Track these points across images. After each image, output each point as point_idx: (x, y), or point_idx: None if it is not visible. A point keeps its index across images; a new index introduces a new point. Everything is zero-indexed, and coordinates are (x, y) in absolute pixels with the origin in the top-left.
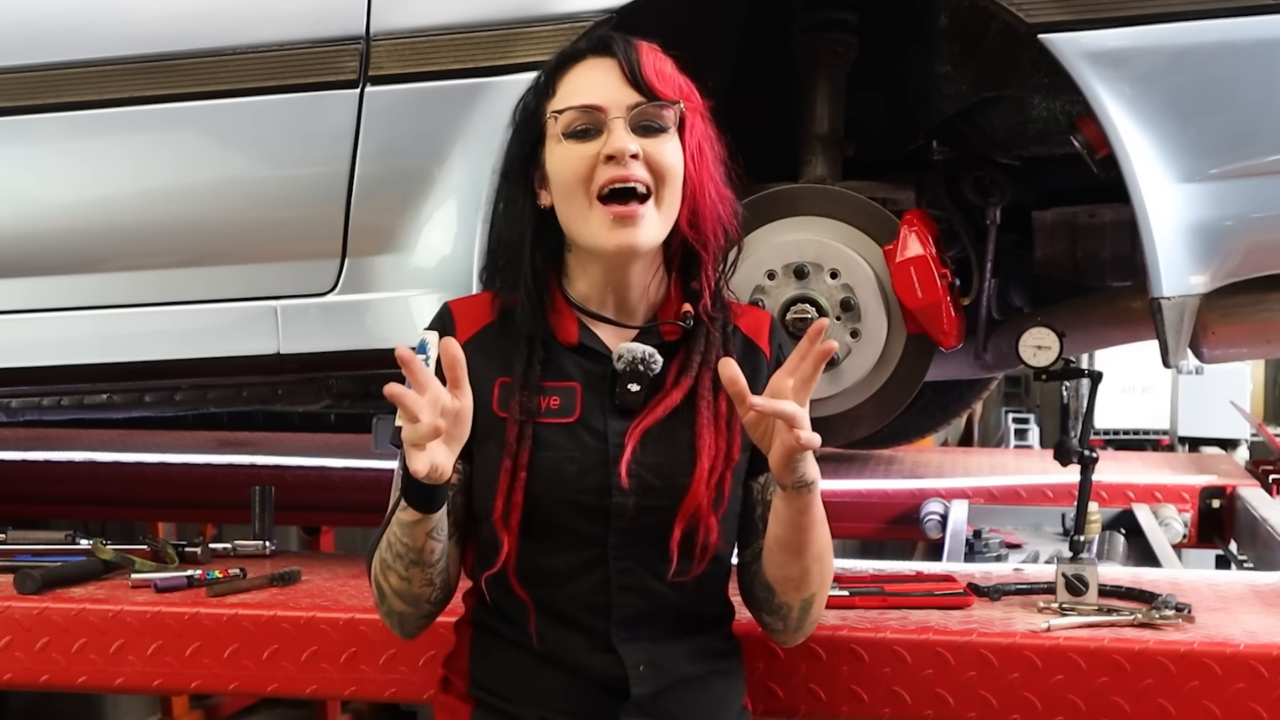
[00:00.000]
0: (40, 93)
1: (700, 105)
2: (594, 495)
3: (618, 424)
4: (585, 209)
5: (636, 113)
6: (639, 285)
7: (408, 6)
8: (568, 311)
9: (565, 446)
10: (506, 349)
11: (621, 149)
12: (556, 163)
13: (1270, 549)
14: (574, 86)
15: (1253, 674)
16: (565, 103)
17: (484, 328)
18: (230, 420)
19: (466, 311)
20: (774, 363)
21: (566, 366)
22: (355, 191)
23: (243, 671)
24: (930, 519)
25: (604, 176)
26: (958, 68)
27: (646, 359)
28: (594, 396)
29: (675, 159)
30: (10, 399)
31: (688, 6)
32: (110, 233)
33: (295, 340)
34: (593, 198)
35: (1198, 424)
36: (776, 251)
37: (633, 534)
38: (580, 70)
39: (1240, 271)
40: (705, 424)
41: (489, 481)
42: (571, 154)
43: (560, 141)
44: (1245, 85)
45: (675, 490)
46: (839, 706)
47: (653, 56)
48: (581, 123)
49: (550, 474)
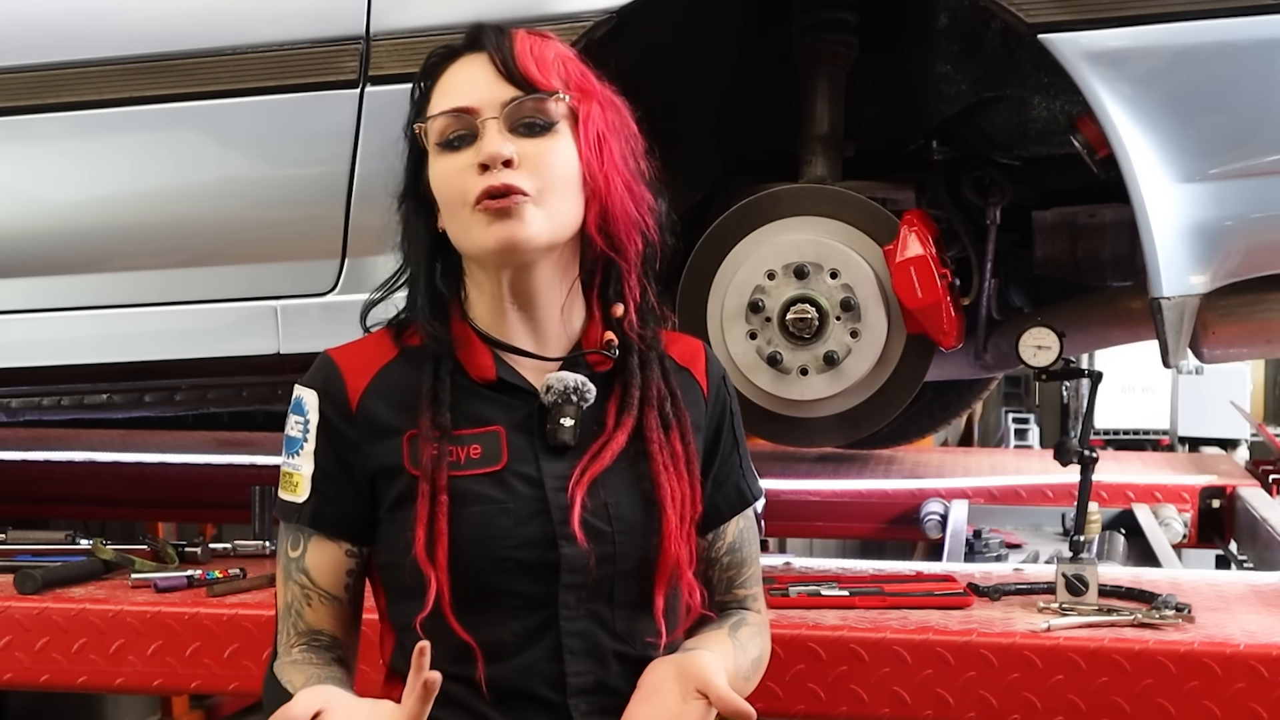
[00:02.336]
0: (40, 93)
1: (599, 92)
2: (536, 549)
3: (554, 466)
4: (466, 221)
5: (511, 109)
6: (547, 304)
7: (408, 6)
8: (479, 345)
9: (494, 497)
10: (409, 394)
11: (492, 154)
12: (434, 178)
13: (1270, 549)
14: (444, 90)
15: (1253, 674)
16: (434, 109)
17: (378, 373)
18: (230, 420)
19: (352, 359)
20: (713, 401)
21: (483, 409)
22: (355, 191)
23: (243, 671)
24: (930, 519)
25: (477, 188)
26: (958, 68)
27: (580, 388)
28: (520, 437)
29: (561, 159)
30: (10, 399)
31: (688, 6)
32: (110, 233)
33: (295, 340)
34: (470, 208)
35: (1198, 424)
36: (776, 251)
37: (585, 589)
38: (451, 71)
39: (1240, 271)
40: (663, 469)
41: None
42: (446, 167)
43: (436, 154)
44: (1245, 85)
45: (631, 537)
46: (839, 706)
47: (530, 43)
48: (453, 129)
49: (480, 531)
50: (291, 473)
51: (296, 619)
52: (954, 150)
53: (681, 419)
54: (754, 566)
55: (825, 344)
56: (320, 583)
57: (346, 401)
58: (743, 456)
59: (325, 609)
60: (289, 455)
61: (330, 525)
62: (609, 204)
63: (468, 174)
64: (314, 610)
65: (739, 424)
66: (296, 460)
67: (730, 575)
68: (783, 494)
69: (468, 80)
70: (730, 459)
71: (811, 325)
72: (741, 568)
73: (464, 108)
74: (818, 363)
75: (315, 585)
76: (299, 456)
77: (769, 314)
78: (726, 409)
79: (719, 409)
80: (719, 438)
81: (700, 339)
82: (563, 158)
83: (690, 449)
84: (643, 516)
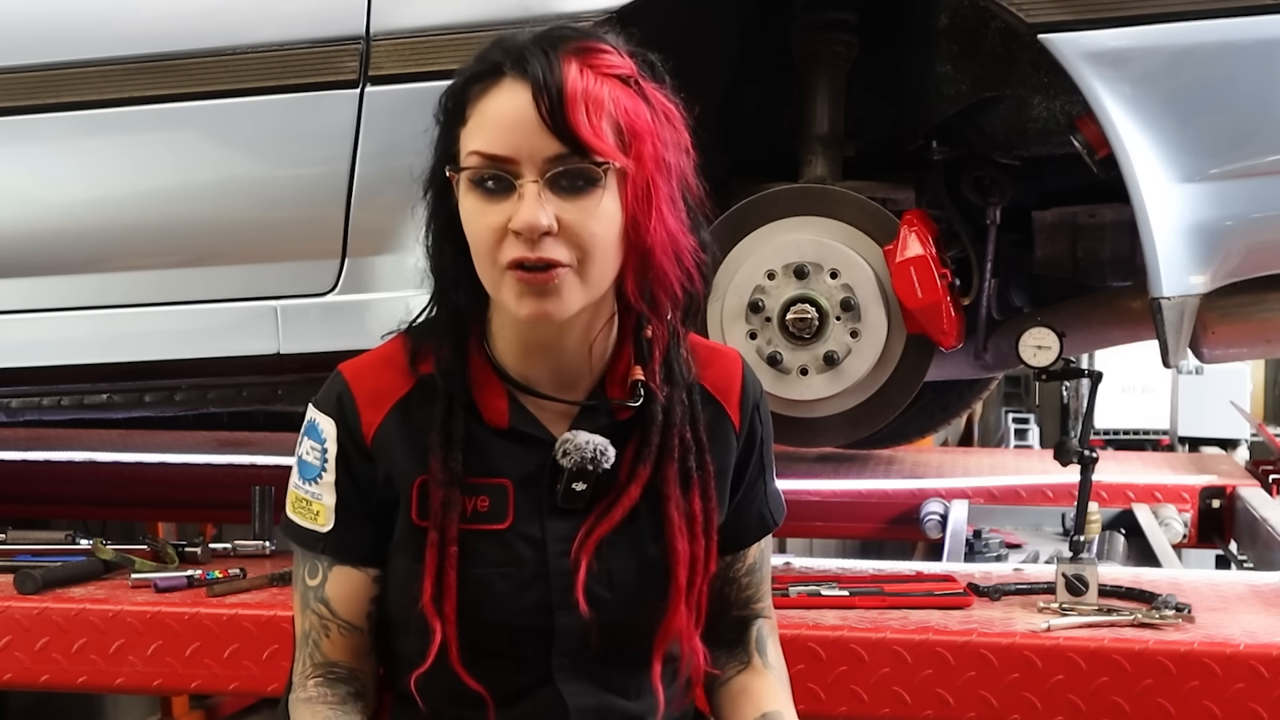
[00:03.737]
0: (40, 93)
1: (653, 130)
2: (533, 616)
3: (558, 527)
4: (495, 277)
5: (557, 172)
6: (575, 346)
7: (408, 6)
8: (494, 383)
9: (497, 559)
10: (422, 433)
11: (529, 224)
12: (465, 215)
13: (1270, 549)
14: (486, 119)
15: (1253, 674)
16: (473, 143)
17: (392, 409)
18: (230, 420)
19: (367, 386)
20: (745, 436)
21: (495, 458)
22: (355, 191)
23: (243, 671)
24: (930, 519)
25: (511, 254)
26: (958, 68)
27: (597, 458)
28: (527, 494)
29: (605, 220)
30: (10, 399)
31: (688, 6)
32: (110, 233)
33: (295, 340)
34: (502, 269)
35: (1198, 424)
36: (776, 251)
37: (582, 654)
38: (496, 97)
39: (1240, 271)
40: (678, 532)
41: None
42: (479, 215)
43: (469, 189)
44: (1245, 85)
45: (633, 603)
46: (839, 706)
47: (589, 81)
48: (490, 174)
49: (479, 593)
50: (311, 501)
51: (314, 649)
52: (954, 150)
53: (705, 474)
54: (769, 580)
55: (825, 344)
56: (341, 613)
57: (362, 436)
58: (768, 482)
59: (344, 640)
60: (306, 481)
61: (356, 555)
62: (651, 263)
63: (500, 231)
64: (331, 641)
65: (769, 450)
66: (316, 489)
67: (749, 595)
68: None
69: (510, 120)
70: (755, 487)
71: (811, 325)
72: (759, 586)
73: (503, 157)
74: (818, 363)
75: (336, 616)
76: (318, 485)
77: (769, 314)
78: (758, 439)
79: (750, 442)
80: (746, 468)
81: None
82: (607, 218)
83: (711, 506)
84: (646, 581)
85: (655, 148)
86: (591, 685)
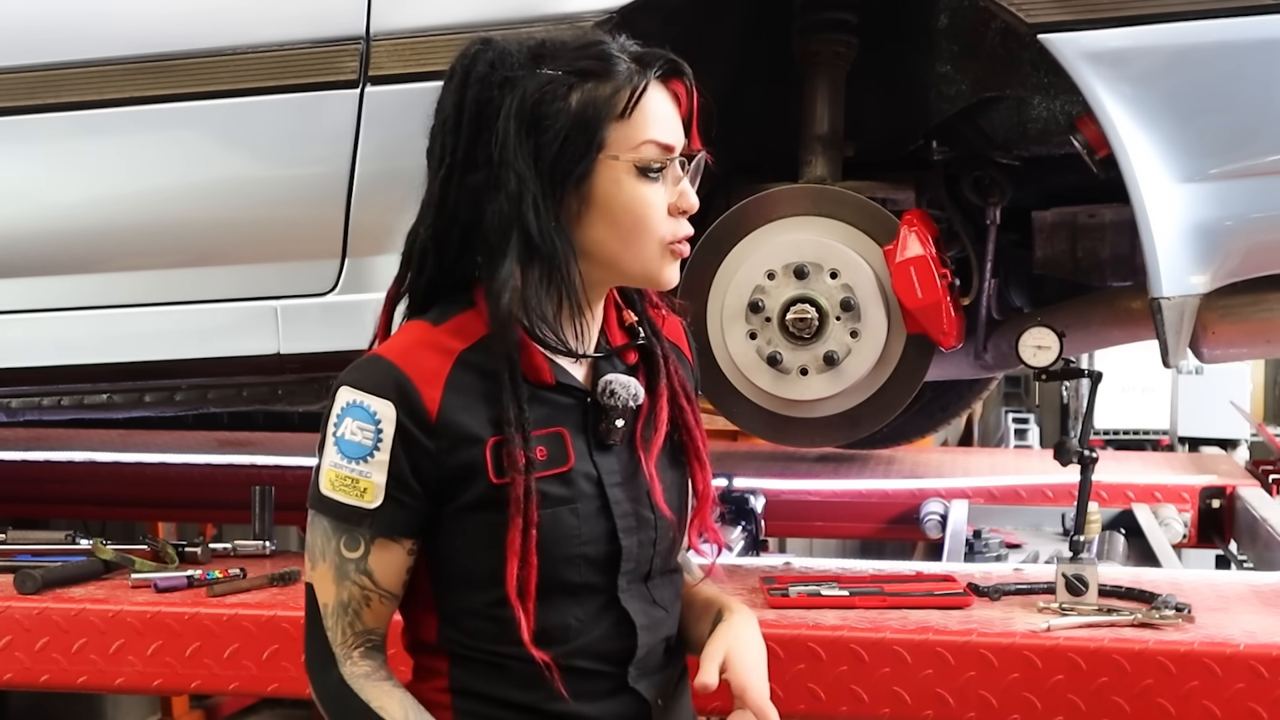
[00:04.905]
0: (40, 93)
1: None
2: (599, 544)
3: (606, 462)
4: (654, 252)
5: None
6: (597, 309)
7: (408, 6)
8: (532, 348)
9: (564, 497)
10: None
11: (694, 207)
12: (627, 200)
13: (1270, 549)
14: (650, 115)
15: (1253, 674)
16: (645, 134)
17: (448, 383)
18: (230, 420)
19: (416, 366)
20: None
21: (546, 410)
22: (355, 191)
23: (243, 671)
24: (930, 519)
25: (676, 232)
26: (958, 68)
27: (637, 394)
28: (578, 437)
29: None
30: (10, 399)
31: (688, 6)
32: (110, 233)
33: (295, 340)
34: (663, 247)
35: (1198, 424)
36: (777, 251)
37: (636, 571)
38: (655, 96)
39: (1240, 271)
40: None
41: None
42: (645, 197)
43: (633, 175)
44: (1245, 85)
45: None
46: (839, 706)
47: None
48: (661, 161)
49: (553, 531)
50: (358, 479)
51: (354, 618)
52: (954, 150)
53: (693, 403)
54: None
55: (825, 344)
56: (383, 584)
57: (426, 413)
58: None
59: (383, 608)
60: (352, 460)
61: (402, 529)
62: None
63: (661, 210)
64: (372, 610)
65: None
66: (364, 467)
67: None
68: (783, 494)
69: (669, 115)
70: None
71: (811, 325)
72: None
73: (669, 145)
74: (818, 363)
75: (378, 587)
76: (368, 464)
77: (769, 314)
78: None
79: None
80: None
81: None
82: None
83: (702, 428)
84: (677, 499)
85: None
86: (644, 603)
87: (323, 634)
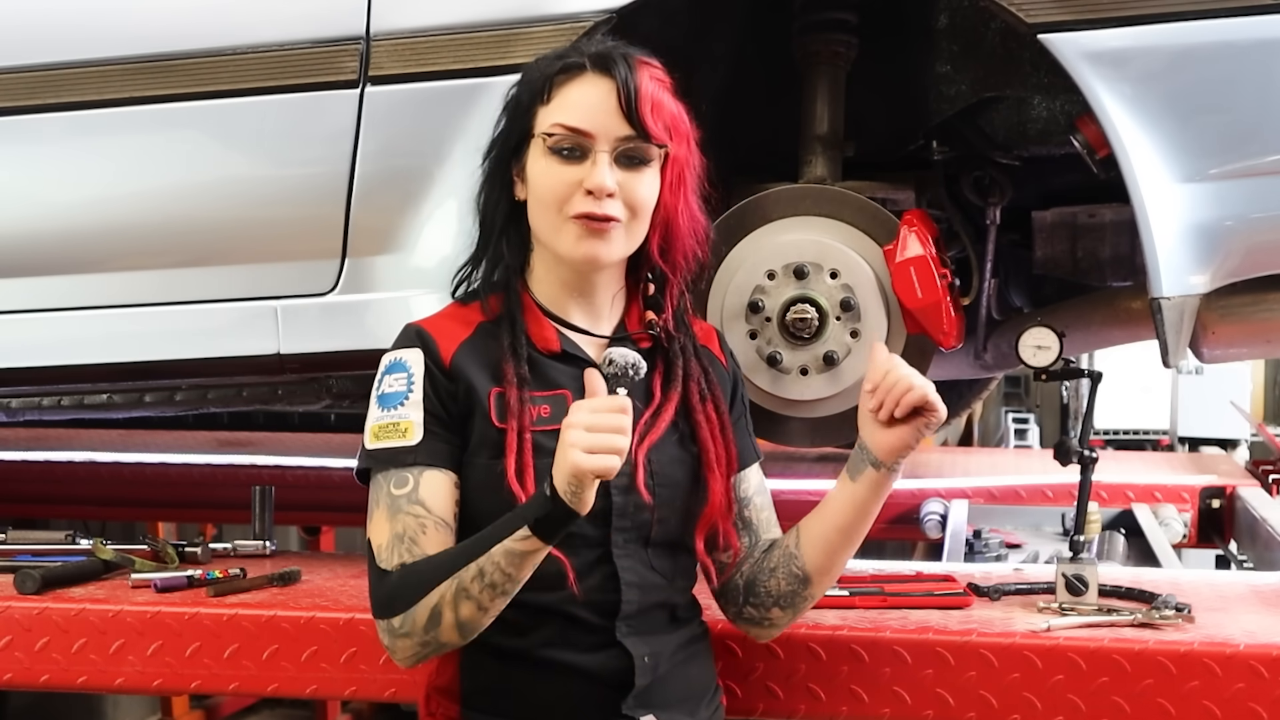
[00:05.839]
0: (40, 93)
1: (688, 132)
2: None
3: None
4: (557, 224)
5: (624, 148)
6: (603, 292)
7: (408, 6)
8: (543, 319)
9: None
10: (491, 358)
11: (601, 186)
12: (537, 175)
13: (1270, 549)
14: (569, 102)
15: (1253, 674)
16: (556, 118)
17: (462, 344)
18: (230, 420)
19: (437, 329)
20: (731, 373)
21: (552, 375)
22: (355, 191)
23: (243, 671)
24: (930, 519)
25: (579, 207)
26: (958, 68)
27: (636, 364)
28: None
29: (650, 194)
30: (10, 399)
31: (688, 6)
32: (110, 233)
33: (295, 340)
34: (566, 217)
35: (1198, 424)
36: (777, 251)
37: (633, 531)
38: (579, 86)
39: (1240, 271)
40: (708, 436)
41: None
42: (553, 173)
43: (545, 154)
44: (1245, 85)
45: (670, 493)
46: (839, 706)
47: (653, 86)
48: (568, 143)
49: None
50: (399, 421)
51: (410, 545)
52: (954, 150)
53: (714, 391)
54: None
55: (825, 344)
56: (435, 510)
57: (441, 360)
58: (750, 426)
59: (438, 535)
60: (390, 408)
61: (444, 458)
62: (673, 232)
63: (572, 188)
64: (428, 537)
65: (747, 401)
66: (403, 410)
67: (766, 516)
68: (783, 494)
69: (592, 104)
70: (741, 421)
71: (811, 325)
72: (770, 510)
73: (584, 131)
74: (817, 363)
75: (431, 513)
76: (405, 406)
77: (769, 314)
78: (739, 382)
79: (735, 381)
80: (733, 401)
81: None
82: (650, 191)
83: (724, 416)
84: (684, 477)
85: (688, 142)
86: (638, 564)
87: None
